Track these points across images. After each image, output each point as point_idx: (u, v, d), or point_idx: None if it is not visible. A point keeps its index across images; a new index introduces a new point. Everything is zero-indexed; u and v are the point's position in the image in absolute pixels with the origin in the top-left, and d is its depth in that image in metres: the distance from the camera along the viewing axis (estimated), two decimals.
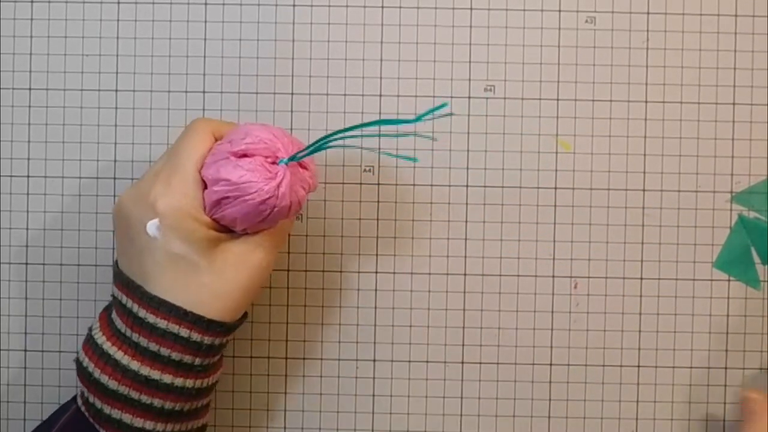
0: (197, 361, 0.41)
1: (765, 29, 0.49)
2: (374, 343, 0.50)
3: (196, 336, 0.40)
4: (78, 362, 0.42)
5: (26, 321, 0.50)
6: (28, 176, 0.49)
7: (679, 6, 0.49)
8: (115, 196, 0.49)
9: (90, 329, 0.42)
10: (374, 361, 0.50)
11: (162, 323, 0.40)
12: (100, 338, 0.41)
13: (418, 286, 0.49)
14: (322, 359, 0.50)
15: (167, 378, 0.40)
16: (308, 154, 0.41)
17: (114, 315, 0.42)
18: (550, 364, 0.49)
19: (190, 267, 0.40)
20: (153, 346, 0.40)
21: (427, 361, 0.49)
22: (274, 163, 0.40)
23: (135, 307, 0.40)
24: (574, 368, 0.49)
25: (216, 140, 0.42)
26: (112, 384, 0.40)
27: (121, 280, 0.41)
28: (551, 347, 0.49)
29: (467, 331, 0.49)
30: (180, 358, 0.40)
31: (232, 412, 0.50)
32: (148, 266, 0.40)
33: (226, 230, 0.42)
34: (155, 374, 0.40)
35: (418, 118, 0.40)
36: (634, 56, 0.49)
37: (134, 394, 0.40)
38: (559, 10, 0.49)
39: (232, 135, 0.41)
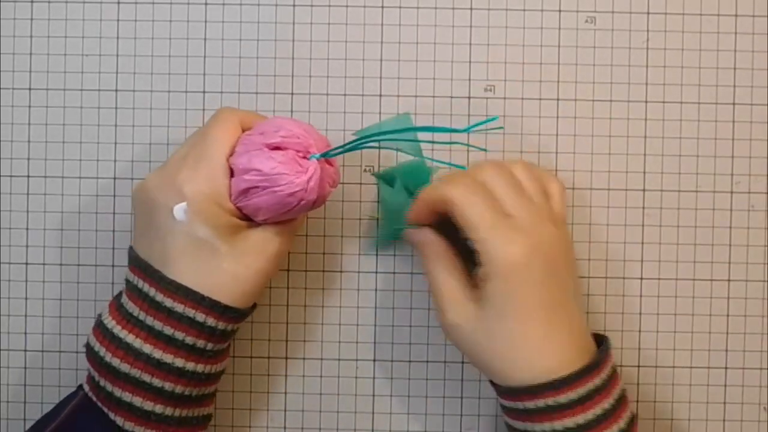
0: (209, 346, 0.42)
1: (765, 29, 0.49)
2: (374, 343, 0.50)
3: (211, 321, 0.41)
4: (88, 346, 0.42)
5: (26, 321, 0.50)
6: (28, 176, 0.49)
7: (679, 6, 0.49)
8: (115, 196, 0.49)
9: (99, 316, 0.43)
10: (374, 361, 0.50)
11: (179, 307, 0.40)
12: (110, 322, 0.42)
13: (418, 286, 0.49)
14: (322, 359, 0.50)
15: (179, 362, 0.41)
16: (342, 152, 0.41)
17: (124, 299, 0.42)
18: None
19: (211, 252, 0.41)
20: (168, 330, 0.40)
21: (427, 361, 0.49)
22: (305, 157, 0.41)
23: (152, 291, 0.41)
24: None
25: (243, 131, 0.43)
26: (124, 367, 0.40)
27: (138, 264, 0.42)
28: None
29: None
30: (193, 343, 0.41)
31: (232, 412, 0.50)
32: (169, 249, 0.41)
33: (247, 218, 0.42)
34: (168, 358, 0.40)
35: (468, 129, 0.42)
36: (634, 56, 0.49)
37: (146, 377, 0.40)
38: (559, 10, 0.49)
39: (264, 127, 0.42)
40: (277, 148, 0.41)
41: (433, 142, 0.46)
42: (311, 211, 0.44)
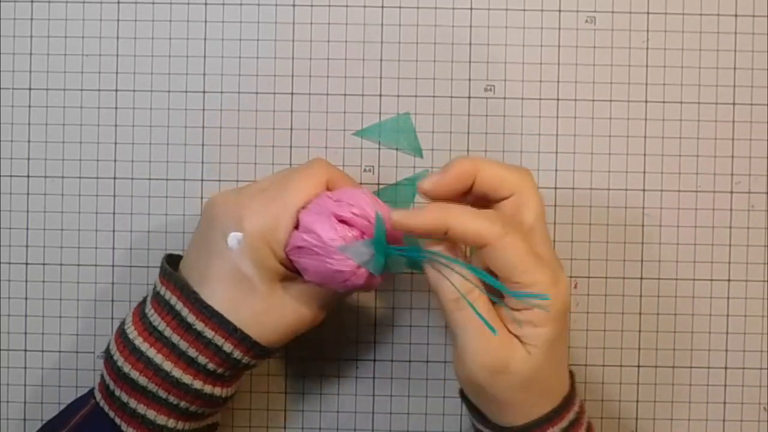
0: (228, 373, 0.42)
1: (765, 29, 0.49)
2: (374, 343, 0.50)
3: (237, 353, 0.41)
4: (108, 354, 0.42)
5: (26, 321, 0.50)
6: (28, 176, 0.49)
7: (679, 6, 0.49)
8: (115, 196, 0.49)
9: (122, 323, 0.42)
10: (374, 361, 0.50)
11: (209, 333, 0.40)
12: (132, 333, 0.41)
13: (418, 286, 0.49)
14: (322, 359, 0.50)
15: (198, 384, 0.41)
16: (403, 254, 0.40)
17: (150, 311, 0.42)
18: None
19: (249, 289, 0.41)
20: (192, 352, 0.40)
21: (427, 361, 0.49)
22: None
23: (185, 311, 0.41)
24: (574, 368, 0.49)
25: (328, 188, 0.42)
26: (142, 380, 0.40)
27: (175, 281, 0.41)
28: None
29: None
30: (214, 369, 0.41)
31: (232, 412, 0.50)
32: (211, 271, 0.41)
33: (296, 272, 0.42)
34: (186, 378, 0.40)
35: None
36: (634, 56, 0.49)
37: (162, 393, 0.40)
38: (559, 10, 0.49)
39: (343, 195, 0.41)
40: (344, 222, 0.40)
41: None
42: None
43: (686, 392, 0.49)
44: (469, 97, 0.49)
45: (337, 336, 0.50)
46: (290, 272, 0.42)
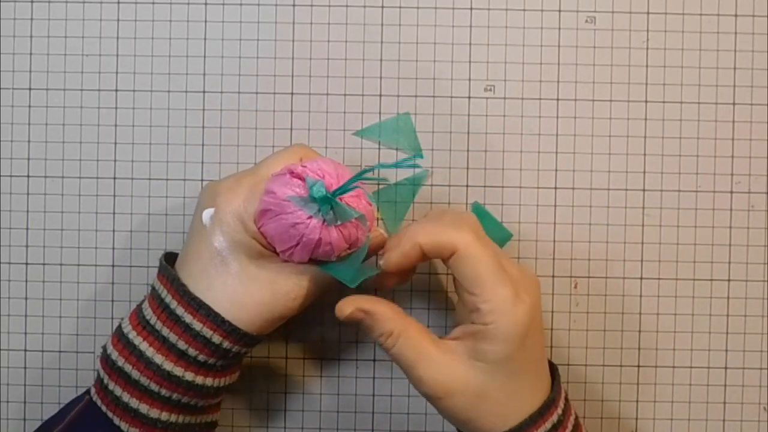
0: (220, 362, 0.42)
1: (765, 29, 0.49)
2: (374, 343, 0.50)
3: (226, 344, 0.41)
4: (104, 351, 0.42)
5: (26, 321, 0.50)
6: (28, 176, 0.49)
7: (679, 6, 0.49)
8: (115, 196, 0.49)
9: (120, 321, 0.43)
10: (374, 361, 0.50)
11: (197, 325, 0.40)
12: (127, 327, 0.42)
13: (417, 286, 0.49)
14: (322, 359, 0.50)
15: (189, 375, 0.41)
16: (341, 191, 0.40)
17: (145, 305, 0.42)
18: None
19: (222, 265, 0.41)
20: (182, 345, 0.40)
21: None
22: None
23: (173, 304, 0.41)
24: (574, 368, 0.49)
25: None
26: (135, 373, 0.40)
27: (167, 274, 0.42)
28: (551, 347, 0.49)
29: None
30: (205, 360, 0.41)
31: (232, 412, 0.50)
32: (188, 250, 0.42)
33: (272, 249, 0.42)
34: (178, 370, 0.40)
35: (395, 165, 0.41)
36: (634, 56, 0.49)
37: (154, 387, 0.40)
38: (559, 10, 0.49)
39: (312, 160, 0.42)
40: (299, 177, 0.40)
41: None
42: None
43: (686, 392, 0.49)
44: (469, 97, 0.49)
45: (337, 336, 0.50)
46: (267, 250, 0.41)
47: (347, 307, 0.40)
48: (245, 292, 0.41)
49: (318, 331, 0.50)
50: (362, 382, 0.50)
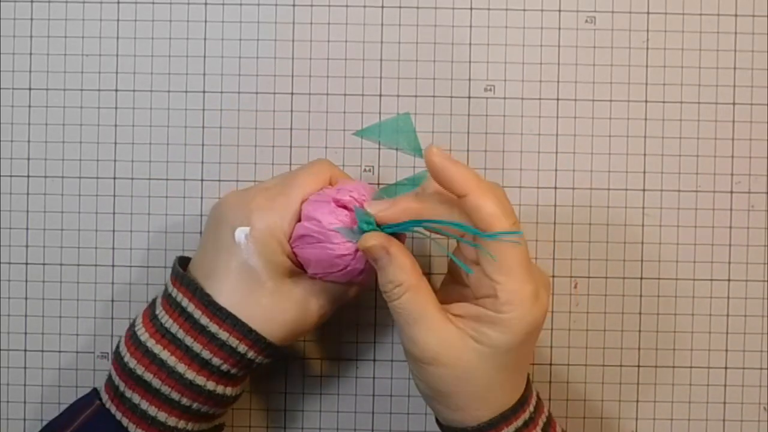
0: (241, 372, 0.42)
1: (765, 29, 0.49)
2: (374, 343, 0.50)
3: (251, 354, 0.41)
4: (118, 356, 0.42)
5: (26, 321, 0.50)
6: (28, 176, 0.49)
7: (679, 6, 0.49)
8: (115, 196, 0.49)
9: (133, 325, 0.42)
10: (374, 361, 0.50)
11: (223, 335, 0.40)
12: (144, 335, 0.41)
13: None
14: (322, 359, 0.50)
15: (211, 384, 0.41)
16: (399, 230, 0.40)
17: (161, 312, 0.42)
18: (550, 364, 0.49)
19: (256, 284, 0.41)
20: (206, 354, 0.40)
21: None
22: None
23: (197, 313, 0.41)
24: (574, 368, 0.49)
25: (330, 185, 0.43)
26: (156, 383, 0.40)
27: (185, 282, 0.42)
28: (551, 347, 0.49)
29: None
30: (228, 369, 0.41)
31: (232, 412, 0.50)
32: (219, 267, 0.41)
33: (301, 267, 0.42)
34: (200, 380, 0.40)
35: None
36: (634, 56, 0.49)
37: (175, 395, 0.40)
38: (559, 10, 0.49)
39: (343, 184, 0.42)
40: (344, 207, 0.41)
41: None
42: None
43: (686, 392, 0.49)
44: (469, 97, 0.49)
45: (337, 336, 0.50)
46: (297, 268, 0.42)
47: (372, 239, 0.39)
48: (278, 308, 0.41)
49: (318, 331, 0.50)
50: (362, 382, 0.50)
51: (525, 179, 0.49)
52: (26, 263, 0.50)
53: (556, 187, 0.49)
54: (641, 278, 0.49)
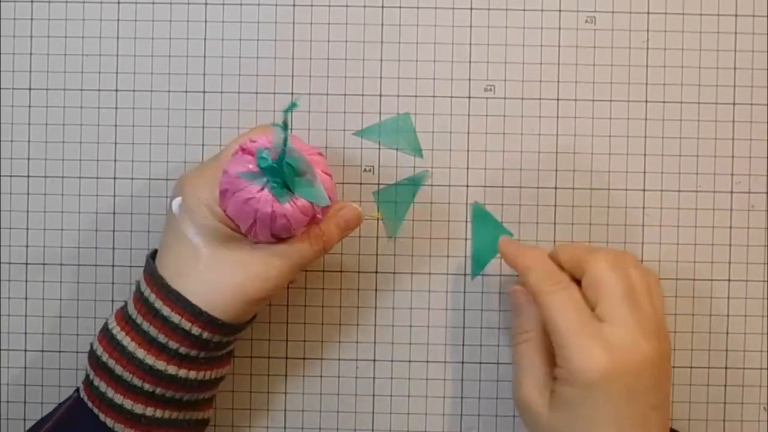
0: (202, 354, 0.41)
1: (765, 29, 0.49)
2: (374, 343, 0.50)
3: (206, 334, 0.41)
4: (91, 347, 0.42)
5: (26, 321, 0.50)
6: (28, 176, 0.49)
7: (679, 6, 0.49)
8: (115, 196, 0.49)
9: (107, 318, 0.43)
10: (374, 361, 0.50)
11: (175, 318, 0.40)
12: (112, 323, 0.42)
13: (418, 286, 0.49)
14: (322, 359, 0.50)
15: (172, 369, 0.41)
16: (282, 157, 0.39)
17: (130, 301, 0.42)
18: None
19: (192, 253, 0.41)
20: (162, 338, 0.40)
21: (427, 361, 0.49)
22: None
23: (152, 297, 0.41)
24: None
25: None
26: (118, 369, 0.41)
27: (148, 268, 0.42)
28: None
29: (467, 331, 0.49)
30: (187, 352, 0.41)
31: (232, 412, 0.50)
32: (162, 242, 0.42)
33: (239, 231, 0.41)
34: (160, 364, 0.40)
35: None
36: (634, 56, 0.49)
37: (137, 382, 0.40)
38: (559, 10, 0.49)
39: (262, 132, 0.41)
40: (250, 153, 0.40)
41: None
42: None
43: (686, 392, 0.49)
44: (469, 97, 0.49)
45: (337, 336, 0.50)
46: (236, 233, 0.41)
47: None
48: (218, 275, 0.41)
49: (318, 331, 0.50)
50: (362, 382, 0.50)
51: (525, 179, 0.49)
52: (26, 263, 0.50)
53: (556, 187, 0.49)
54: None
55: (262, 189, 0.39)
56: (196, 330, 0.40)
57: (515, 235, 0.49)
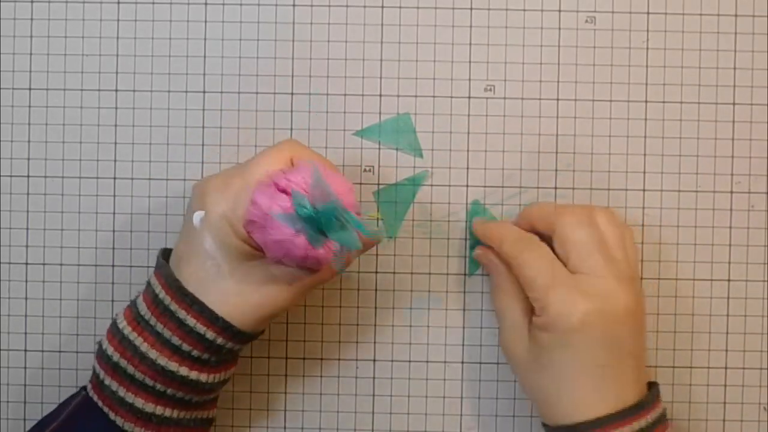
0: (213, 358, 0.42)
1: (765, 29, 0.49)
2: (374, 343, 0.50)
3: (221, 340, 0.41)
4: (100, 346, 0.42)
5: (26, 321, 0.50)
6: (28, 176, 0.49)
7: (679, 6, 0.49)
8: (115, 196, 0.49)
9: (115, 317, 0.43)
10: (374, 361, 0.50)
11: (191, 321, 0.40)
12: (122, 323, 0.42)
13: (418, 286, 0.49)
14: (322, 359, 0.50)
15: (184, 370, 0.41)
16: (327, 216, 0.39)
17: (139, 300, 0.42)
18: None
19: (214, 269, 0.41)
20: (176, 340, 0.41)
21: (427, 361, 0.49)
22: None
23: (167, 299, 0.41)
24: None
25: (292, 164, 0.41)
26: (130, 369, 0.41)
27: (163, 271, 0.42)
28: None
29: (467, 331, 0.49)
30: (199, 355, 0.41)
31: (232, 412, 0.50)
32: (182, 252, 0.42)
33: (260, 250, 0.41)
34: (172, 365, 0.41)
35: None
36: (634, 56, 0.49)
37: (149, 381, 0.41)
38: (559, 10, 0.49)
39: (297, 167, 0.40)
40: (284, 191, 0.39)
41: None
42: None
43: (686, 392, 0.49)
44: (469, 97, 0.49)
45: (337, 336, 0.50)
46: (257, 252, 0.41)
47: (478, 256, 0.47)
48: (238, 293, 0.41)
49: (318, 331, 0.50)
50: (362, 382, 0.50)
51: (525, 179, 0.49)
52: (26, 263, 0.50)
53: (556, 187, 0.49)
54: (641, 278, 0.49)
55: (297, 233, 0.39)
56: (210, 335, 0.41)
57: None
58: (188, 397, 0.42)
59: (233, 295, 0.41)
